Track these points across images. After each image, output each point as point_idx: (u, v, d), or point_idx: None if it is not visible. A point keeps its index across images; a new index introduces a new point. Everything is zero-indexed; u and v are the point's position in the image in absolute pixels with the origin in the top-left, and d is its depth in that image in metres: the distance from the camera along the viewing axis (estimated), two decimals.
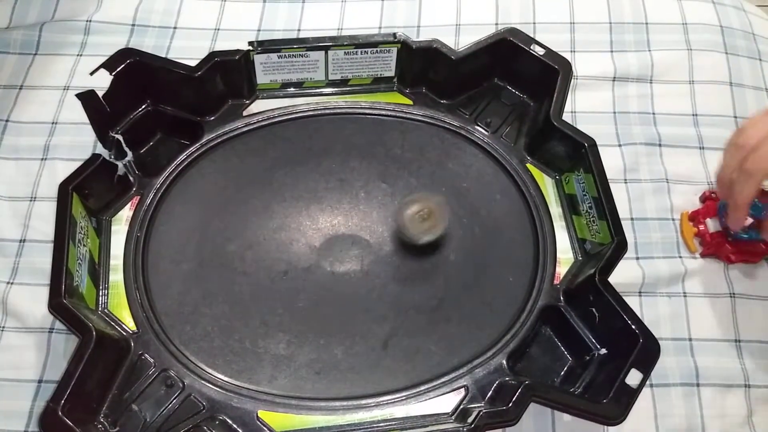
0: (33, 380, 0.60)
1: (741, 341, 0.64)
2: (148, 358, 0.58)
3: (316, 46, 0.68)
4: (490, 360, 0.59)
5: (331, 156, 0.69)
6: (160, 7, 0.80)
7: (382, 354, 0.60)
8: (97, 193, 0.63)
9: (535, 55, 0.67)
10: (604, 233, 0.61)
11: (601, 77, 0.77)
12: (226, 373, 0.58)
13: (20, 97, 0.73)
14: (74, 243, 0.58)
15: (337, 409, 0.57)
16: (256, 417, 0.56)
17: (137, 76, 0.65)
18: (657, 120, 0.75)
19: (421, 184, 0.68)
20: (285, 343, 0.60)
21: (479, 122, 0.71)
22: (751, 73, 0.79)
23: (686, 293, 0.66)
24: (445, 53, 0.67)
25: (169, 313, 0.60)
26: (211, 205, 0.66)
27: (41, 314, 0.61)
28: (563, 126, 0.65)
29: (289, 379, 0.58)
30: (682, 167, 0.72)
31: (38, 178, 0.69)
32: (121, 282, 0.61)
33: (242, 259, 0.63)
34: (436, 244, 0.64)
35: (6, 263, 0.64)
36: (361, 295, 0.62)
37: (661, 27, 0.81)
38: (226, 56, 0.66)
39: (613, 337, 0.58)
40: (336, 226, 0.66)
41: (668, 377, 0.62)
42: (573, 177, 0.66)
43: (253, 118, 0.70)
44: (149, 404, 0.56)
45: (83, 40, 0.77)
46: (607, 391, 0.53)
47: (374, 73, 0.71)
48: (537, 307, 0.61)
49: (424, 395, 0.57)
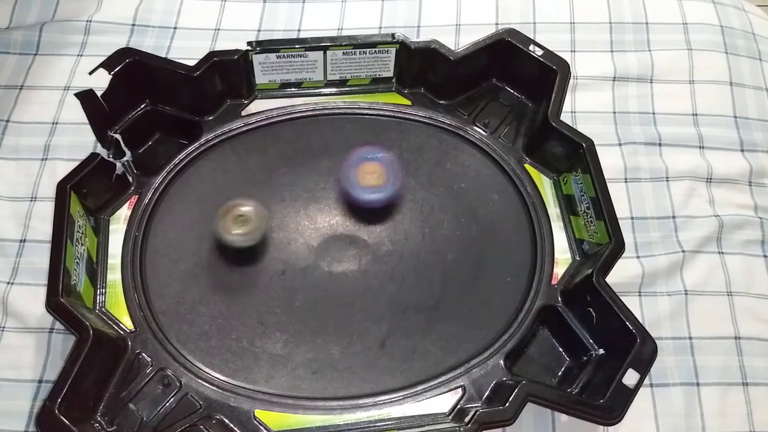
0: (33, 380, 0.60)
1: (741, 338, 0.64)
2: (146, 357, 0.58)
3: (314, 46, 0.68)
4: (487, 360, 0.59)
5: (329, 156, 0.69)
6: (160, 7, 0.80)
7: (379, 354, 0.60)
8: (95, 192, 0.63)
9: (534, 55, 0.67)
10: (602, 233, 0.61)
11: (601, 77, 0.77)
12: (223, 373, 0.58)
13: (20, 97, 0.74)
14: (72, 242, 0.58)
15: (334, 409, 0.57)
16: (252, 416, 0.56)
17: (136, 76, 0.65)
18: (657, 120, 0.75)
19: (420, 184, 0.68)
20: (282, 343, 0.60)
21: (477, 122, 0.71)
22: (751, 73, 0.79)
23: (687, 291, 0.65)
24: (444, 54, 0.67)
25: (167, 312, 0.61)
26: (210, 205, 0.65)
27: (41, 314, 0.61)
28: (561, 126, 0.65)
29: (286, 378, 0.58)
30: (683, 167, 0.72)
31: (38, 179, 0.69)
32: (119, 281, 0.61)
33: (240, 259, 0.63)
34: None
35: (6, 263, 0.65)
36: (358, 295, 0.62)
37: (661, 27, 0.81)
38: (224, 56, 0.66)
39: (610, 338, 0.58)
40: (334, 226, 0.66)
41: (668, 377, 0.62)
42: (571, 177, 0.66)
43: (252, 118, 0.70)
44: (146, 403, 0.56)
45: (83, 40, 0.77)
46: (604, 391, 0.53)
47: (373, 74, 0.71)
48: (535, 307, 0.61)
49: (421, 395, 0.57)
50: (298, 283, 0.62)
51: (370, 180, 0.64)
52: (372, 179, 0.64)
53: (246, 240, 0.61)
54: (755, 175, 0.73)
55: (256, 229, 0.61)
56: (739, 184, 0.72)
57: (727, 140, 0.74)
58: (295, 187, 0.67)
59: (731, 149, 0.74)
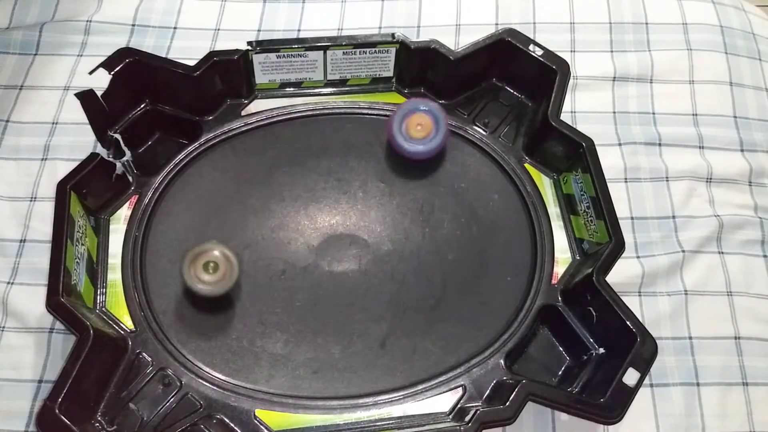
0: (33, 380, 0.60)
1: (741, 338, 0.64)
2: (146, 357, 0.58)
3: (314, 46, 0.68)
4: (487, 359, 0.59)
5: (329, 156, 0.69)
6: (160, 7, 0.80)
7: (379, 353, 0.60)
8: (95, 192, 0.63)
9: (533, 55, 0.67)
10: (602, 233, 0.61)
11: (601, 77, 0.77)
12: (223, 372, 0.58)
13: (20, 97, 0.73)
14: (72, 242, 0.58)
15: (335, 408, 0.57)
16: (253, 416, 0.56)
17: (136, 76, 0.65)
18: (657, 120, 0.75)
19: (419, 184, 0.68)
20: (282, 343, 0.60)
21: (477, 122, 0.71)
22: (751, 73, 0.79)
23: (687, 291, 0.65)
24: (444, 53, 0.67)
25: (167, 312, 0.60)
26: (210, 205, 0.66)
27: (41, 314, 0.61)
28: (561, 126, 0.65)
29: (287, 378, 0.58)
30: (683, 167, 0.72)
31: (38, 179, 0.69)
32: (119, 281, 0.61)
33: (240, 259, 0.63)
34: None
35: (6, 263, 0.65)
36: (358, 295, 0.62)
37: (661, 27, 0.81)
38: (224, 56, 0.66)
39: (610, 337, 0.58)
40: (334, 226, 0.66)
41: (668, 377, 0.62)
42: (571, 177, 0.66)
43: (252, 117, 0.70)
44: (147, 403, 0.56)
45: (83, 40, 0.77)
46: (604, 390, 0.53)
47: (373, 74, 0.71)
48: (535, 306, 0.61)
49: (421, 394, 0.57)
50: (299, 283, 0.62)
51: (418, 132, 0.66)
52: (420, 131, 0.66)
53: (215, 289, 0.58)
54: (755, 175, 0.73)
55: (226, 277, 0.58)
56: (739, 184, 0.72)
57: (727, 140, 0.74)
58: (295, 187, 0.67)
59: (731, 149, 0.74)
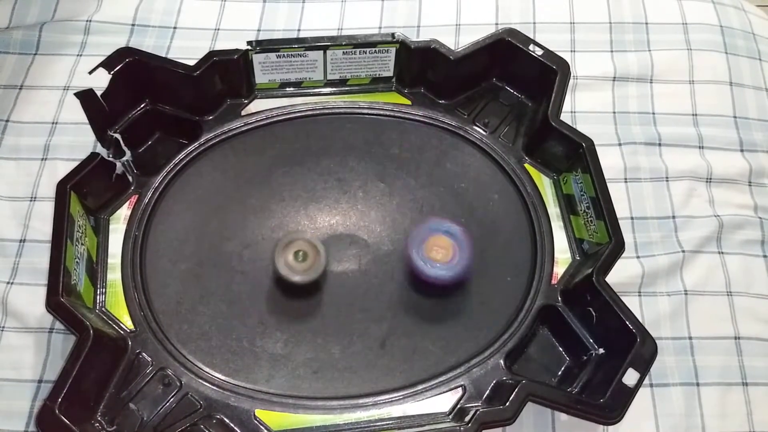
0: (33, 380, 0.60)
1: (741, 338, 0.64)
2: (146, 357, 0.58)
3: (314, 45, 0.68)
4: (487, 360, 0.59)
5: (329, 156, 0.69)
6: (160, 7, 0.80)
7: (379, 353, 0.60)
8: (95, 192, 0.63)
9: (534, 55, 0.67)
10: (602, 233, 0.61)
11: (601, 77, 0.77)
12: (223, 372, 0.58)
13: (20, 97, 0.73)
14: (72, 241, 0.58)
15: (335, 408, 0.57)
16: (253, 416, 0.56)
17: (136, 76, 0.65)
18: (657, 120, 0.75)
19: (419, 184, 0.68)
20: (282, 342, 0.60)
21: (477, 122, 0.71)
22: (751, 73, 0.79)
23: (687, 291, 0.65)
24: (444, 53, 0.67)
25: (167, 312, 0.60)
26: (210, 205, 0.66)
27: (41, 314, 0.61)
28: (561, 126, 0.65)
29: (287, 378, 0.58)
30: (682, 167, 0.72)
31: (38, 178, 0.69)
32: (119, 281, 0.61)
33: (240, 259, 0.63)
34: None
35: (6, 263, 0.65)
36: (358, 295, 0.62)
37: (661, 27, 0.81)
38: (224, 56, 0.66)
39: (610, 337, 0.58)
40: (334, 226, 0.66)
41: (668, 377, 0.62)
42: (571, 177, 0.66)
43: (252, 117, 0.70)
44: (146, 403, 0.56)
45: (83, 40, 0.77)
46: (604, 390, 0.53)
47: (373, 73, 0.71)
48: (535, 306, 0.61)
49: (421, 394, 0.57)
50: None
51: (438, 255, 0.60)
52: (440, 254, 0.60)
53: (304, 277, 0.60)
54: (755, 175, 0.73)
55: (314, 265, 0.60)
56: (738, 184, 0.72)
57: (726, 140, 0.74)
58: (295, 187, 0.67)
59: (731, 149, 0.74)
